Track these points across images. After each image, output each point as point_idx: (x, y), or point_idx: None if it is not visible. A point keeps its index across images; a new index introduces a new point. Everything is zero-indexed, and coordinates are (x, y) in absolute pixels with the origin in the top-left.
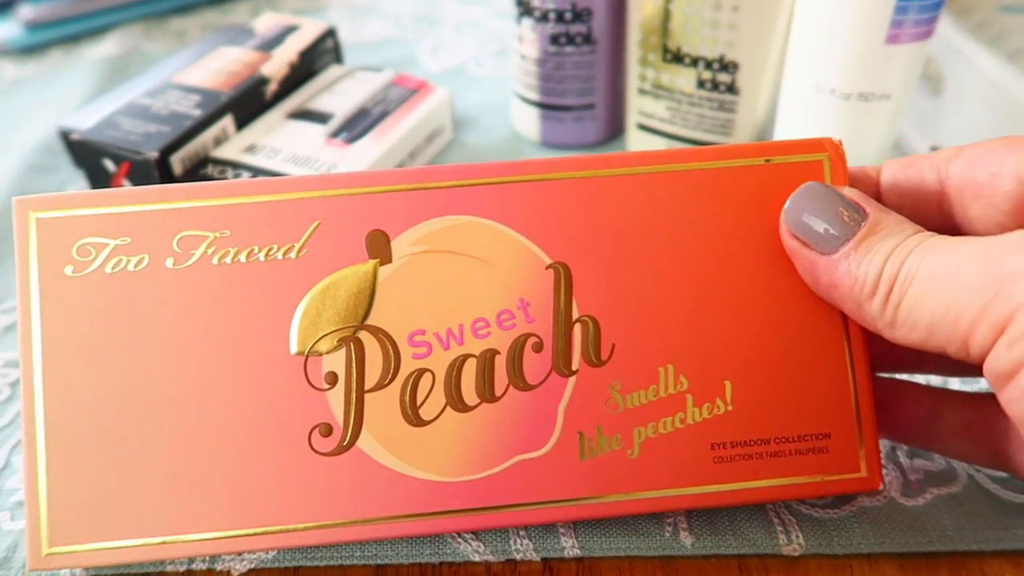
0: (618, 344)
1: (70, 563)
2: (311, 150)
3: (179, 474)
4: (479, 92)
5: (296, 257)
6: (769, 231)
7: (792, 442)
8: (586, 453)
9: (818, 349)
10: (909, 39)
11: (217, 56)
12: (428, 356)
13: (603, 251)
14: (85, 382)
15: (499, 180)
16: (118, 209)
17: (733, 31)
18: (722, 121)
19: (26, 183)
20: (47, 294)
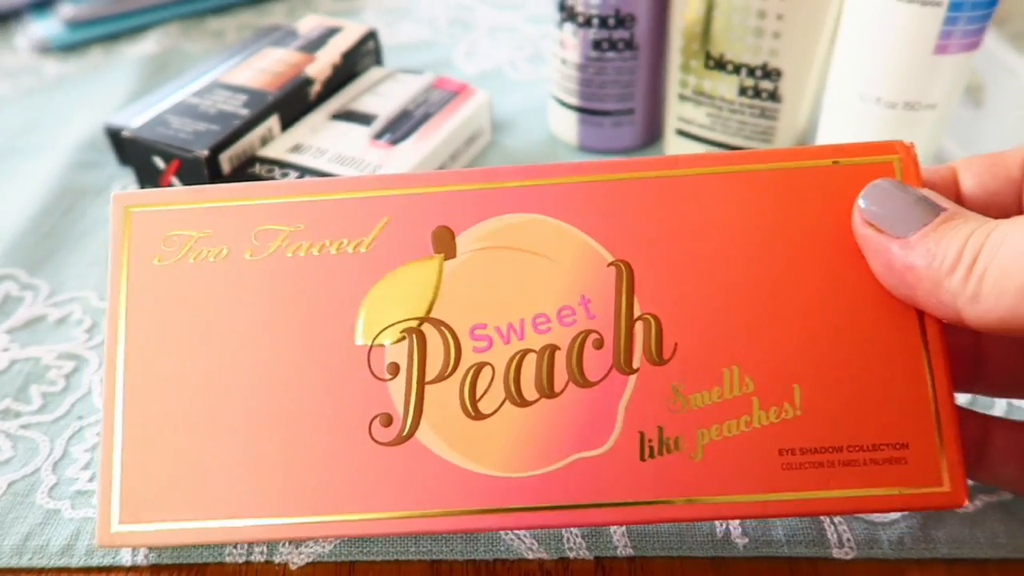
0: (680, 343)
1: (137, 541)
2: (356, 151)
3: (245, 459)
4: (515, 96)
5: (365, 251)
6: (839, 233)
7: (866, 451)
8: (646, 454)
9: (893, 353)
10: (957, 49)
11: (263, 56)
12: (488, 350)
13: (666, 250)
14: (163, 366)
15: (563, 180)
16: (203, 204)
17: (777, 39)
18: (763, 128)
19: (72, 180)
20: (135, 282)
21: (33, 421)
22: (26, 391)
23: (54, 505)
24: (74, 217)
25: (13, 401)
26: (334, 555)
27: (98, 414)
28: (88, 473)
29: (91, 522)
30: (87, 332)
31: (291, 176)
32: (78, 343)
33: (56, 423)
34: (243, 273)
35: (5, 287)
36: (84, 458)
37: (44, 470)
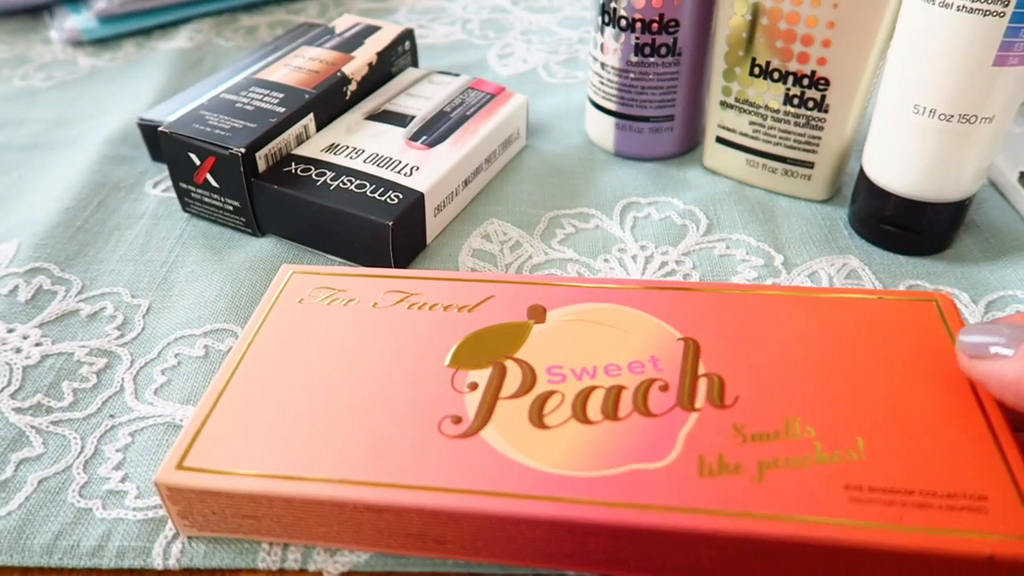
0: (742, 396)
1: (193, 482)
2: (392, 151)
3: (322, 430)
4: (551, 99)
5: (469, 313)
6: (885, 343)
7: (941, 497)
8: (705, 472)
9: (954, 420)
10: (1018, 62)
11: (299, 54)
12: (562, 383)
13: (730, 337)
14: (279, 357)
15: (642, 288)
16: (349, 275)
17: (827, 48)
18: (807, 138)
19: (106, 173)
20: (277, 310)
21: (64, 418)
22: (58, 386)
23: (85, 504)
24: (106, 212)
25: (44, 396)
26: (369, 565)
27: (130, 413)
28: (120, 473)
29: (122, 523)
30: (119, 329)
31: (327, 175)
32: (110, 339)
33: (87, 420)
34: (366, 314)
35: (38, 280)
36: (116, 458)
37: (75, 468)
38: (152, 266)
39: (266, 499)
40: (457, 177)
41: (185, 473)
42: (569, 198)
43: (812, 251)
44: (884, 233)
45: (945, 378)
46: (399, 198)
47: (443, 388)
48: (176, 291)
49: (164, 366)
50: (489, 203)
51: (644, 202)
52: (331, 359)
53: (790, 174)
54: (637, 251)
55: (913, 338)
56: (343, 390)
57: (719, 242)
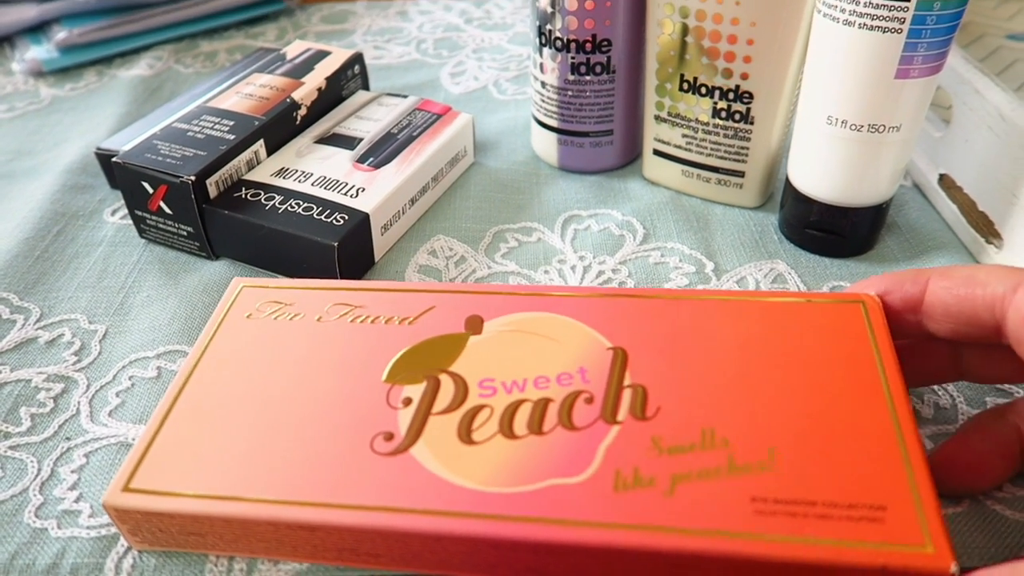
0: (663, 406)
1: (139, 503)
2: (340, 174)
3: (261, 451)
4: (500, 116)
5: (409, 325)
6: (808, 349)
7: (842, 508)
8: (620, 486)
9: (865, 430)
10: (919, 74)
11: (250, 81)
12: (492, 396)
13: (659, 345)
14: (224, 376)
15: (578, 295)
16: (297, 288)
17: (749, 63)
18: (736, 148)
19: (65, 202)
20: (226, 326)
21: (22, 442)
22: (15, 412)
23: (40, 524)
24: (65, 240)
25: (3, 423)
26: (311, 573)
27: (85, 435)
28: (75, 493)
29: (76, 541)
30: (76, 354)
31: (276, 199)
32: (67, 365)
33: (44, 444)
34: (310, 330)
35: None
36: (71, 478)
37: (32, 490)
38: (109, 292)
39: (207, 519)
40: (403, 197)
41: (131, 495)
42: (514, 213)
43: (742, 257)
44: (810, 237)
45: (862, 385)
46: (344, 219)
47: (378, 404)
48: (132, 315)
49: (118, 388)
50: (436, 220)
51: (585, 214)
52: (274, 377)
53: (723, 183)
54: (576, 261)
55: (836, 342)
56: (283, 409)
57: (654, 251)
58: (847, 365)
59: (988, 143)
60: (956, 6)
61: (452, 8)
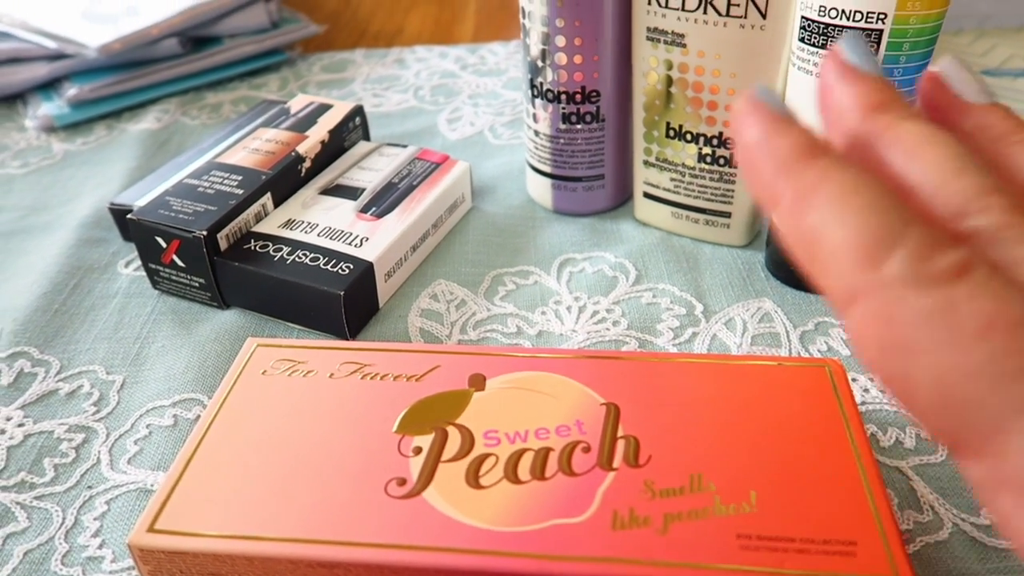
0: (655, 455)
1: (165, 543)
2: (344, 224)
3: (279, 491)
4: (496, 161)
5: (416, 382)
6: (782, 405)
7: (818, 544)
8: (618, 525)
9: (835, 476)
10: None
11: (256, 136)
12: (496, 446)
13: (647, 401)
14: (243, 425)
15: (572, 356)
16: (309, 348)
17: (730, 112)
18: (722, 191)
19: (80, 256)
20: (242, 382)
21: (46, 492)
22: (40, 463)
23: (67, 572)
24: (82, 293)
25: (27, 474)
26: None
27: (106, 483)
28: (98, 540)
29: None
30: (95, 405)
31: (283, 250)
32: (87, 416)
33: (67, 493)
34: (323, 385)
35: (19, 364)
36: (94, 526)
37: (57, 538)
38: (125, 343)
39: (229, 557)
40: (405, 244)
41: (156, 536)
42: (511, 256)
43: (730, 296)
44: (795, 275)
45: (830, 438)
46: (350, 268)
47: (390, 453)
48: (148, 365)
49: (136, 436)
50: (437, 265)
51: (579, 257)
52: (290, 427)
53: (711, 223)
54: (572, 302)
55: (806, 400)
56: (300, 456)
57: (646, 291)
58: (816, 420)
59: None
60: (922, 58)
61: (448, 55)
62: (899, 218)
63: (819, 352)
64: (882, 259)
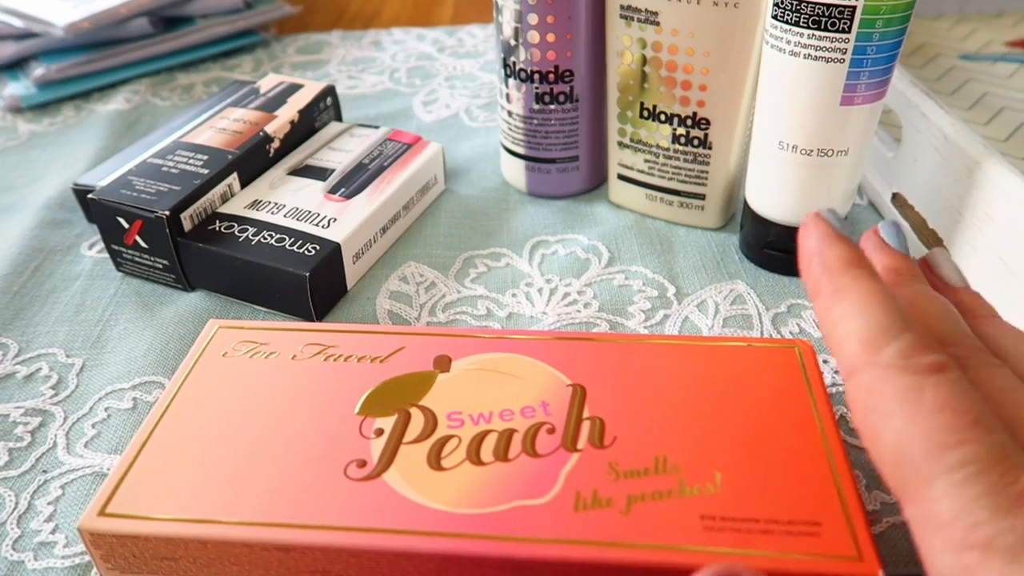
0: (620, 436)
1: (114, 527)
2: (312, 205)
3: (235, 474)
4: (471, 143)
5: (380, 364)
6: (751, 388)
7: (782, 524)
8: (580, 507)
9: (801, 458)
10: (863, 101)
11: (224, 116)
12: (460, 428)
13: (614, 383)
14: (201, 408)
15: (540, 338)
16: (273, 330)
17: (705, 92)
18: (696, 172)
19: (43, 238)
20: (202, 364)
21: (0, 476)
22: None
23: (18, 557)
24: (43, 276)
25: None
26: None
27: (61, 467)
28: (51, 525)
29: (52, 571)
30: (53, 388)
31: (249, 231)
32: (45, 399)
33: (21, 477)
34: (285, 367)
35: None
36: (47, 510)
37: (9, 524)
38: (86, 325)
39: (182, 541)
40: (374, 226)
41: (107, 519)
42: (483, 239)
43: (703, 279)
44: (769, 257)
45: (797, 418)
46: (316, 249)
47: (351, 435)
48: (109, 348)
49: (95, 420)
50: (408, 247)
51: (552, 240)
52: (249, 409)
53: (685, 205)
54: (543, 284)
55: (774, 381)
56: (258, 438)
57: (619, 273)
58: (784, 401)
59: (935, 163)
60: (895, 36)
61: (425, 37)
62: (901, 322)
63: (791, 333)
64: (880, 348)
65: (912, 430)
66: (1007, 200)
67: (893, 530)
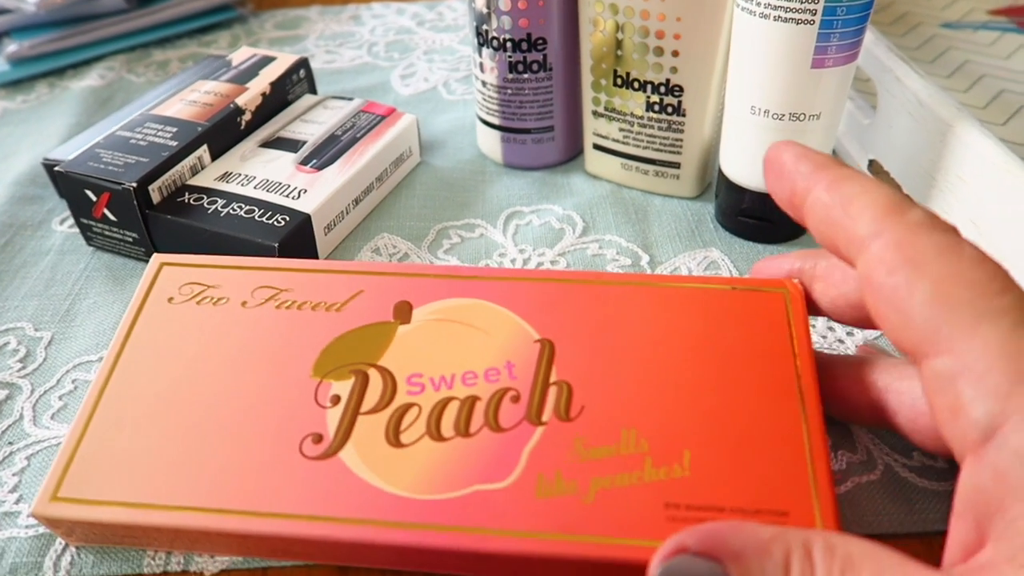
0: (587, 406)
1: (68, 513)
2: (283, 176)
3: (189, 457)
4: (448, 116)
5: (337, 312)
6: (730, 341)
7: (748, 514)
8: (543, 491)
9: (776, 432)
10: (834, 64)
11: (195, 88)
12: (420, 394)
13: (585, 336)
14: (146, 375)
15: (507, 278)
16: (220, 267)
17: (677, 57)
18: (671, 140)
19: (13, 213)
20: (148, 313)
21: None
22: None
23: None
24: (13, 251)
25: None
26: (247, 562)
27: (27, 440)
28: (15, 495)
29: (15, 541)
30: (21, 361)
31: (218, 202)
32: (12, 372)
33: None
34: (235, 316)
35: None
36: (11, 481)
37: None
38: (56, 299)
39: (137, 527)
40: (346, 197)
41: (59, 505)
42: (458, 210)
43: (678, 247)
44: (743, 225)
45: (776, 381)
46: (286, 220)
47: (307, 403)
48: (78, 322)
49: (61, 392)
50: (382, 219)
51: (527, 210)
52: (199, 373)
53: (661, 174)
54: (516, 255)
55: (756, 334)
56: (211, 408)
57: (593, 243)
58: (764, 359)
59: (909, 129)
60: None
61: (405, 11)
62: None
63: None
64: (905, 211)
65: (956, 276)
66: (979, 162)
67: (858, 490)
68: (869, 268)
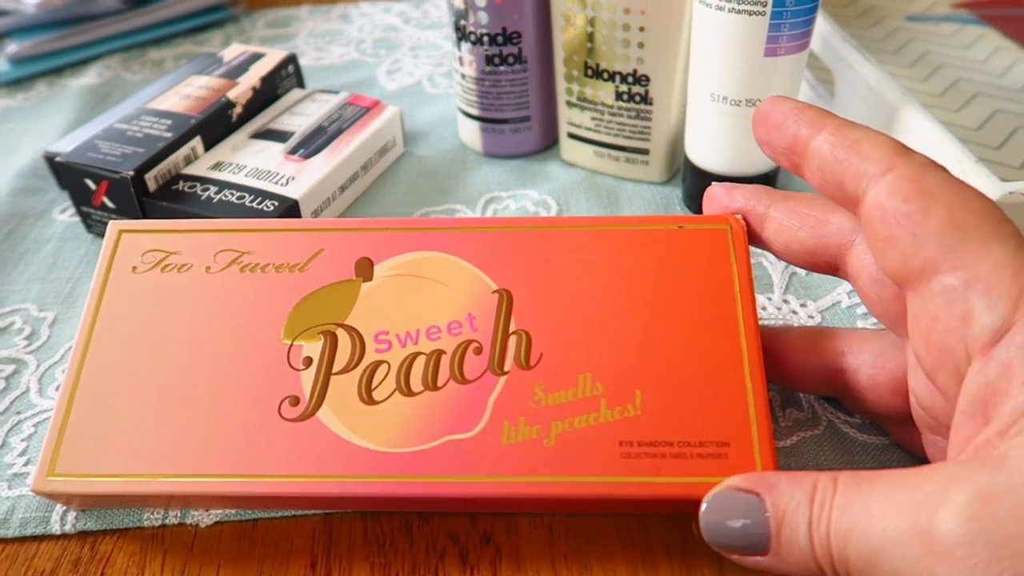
0: (545, 353)
1: (66, 488)
2: (272, 165)
3: (173, 427)
4: (431, 108)
5: (300, 273)
6: (677, 278)
7: (694, 447)
8: (508, 438)
9: (719, 368)
10: (786, 52)
11: (188, 83)
12: (388, 351)
13: (541, 284)
14: (123, 349)
15: (464, 228)
16: (179, 232)
17: (642, 48)
18: (639, 128)
19: (16, 204)
20: (113, 284)
21: None
22: None
23: None
24: (17, 239)
25: None
26: (239, 515)
27: (34, 409)
28: (24, 459)
29: (24, 499)
30: (27, 339)
31: (211, 189)
32: (18, 349)
33: None
34: (201, 283)
35: None
36: (20, 446)
37: None
38: (58, 283)
39: (132, 496)
40: (332, 184)
41: (56, 480)
42: (439, 196)
43: None
44: None
45: (719, 319)
46: (275, 205)
47: (281, 367)
48: (80, 303)
49: (64, 366)
50: (367, 205)
51: (505, 195)
52: (173, 343)
53: (631, 161)
54: None
55: (701, 272)
56: (189, 377)
57: None
58: (709, 297)
59: (862, 114)
60: None
61: (391, 9)
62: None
63: None
64: (911, 152)
65: (965, 205)
66: (923, 142)
67: (803, 443)
68: (883, 197)
